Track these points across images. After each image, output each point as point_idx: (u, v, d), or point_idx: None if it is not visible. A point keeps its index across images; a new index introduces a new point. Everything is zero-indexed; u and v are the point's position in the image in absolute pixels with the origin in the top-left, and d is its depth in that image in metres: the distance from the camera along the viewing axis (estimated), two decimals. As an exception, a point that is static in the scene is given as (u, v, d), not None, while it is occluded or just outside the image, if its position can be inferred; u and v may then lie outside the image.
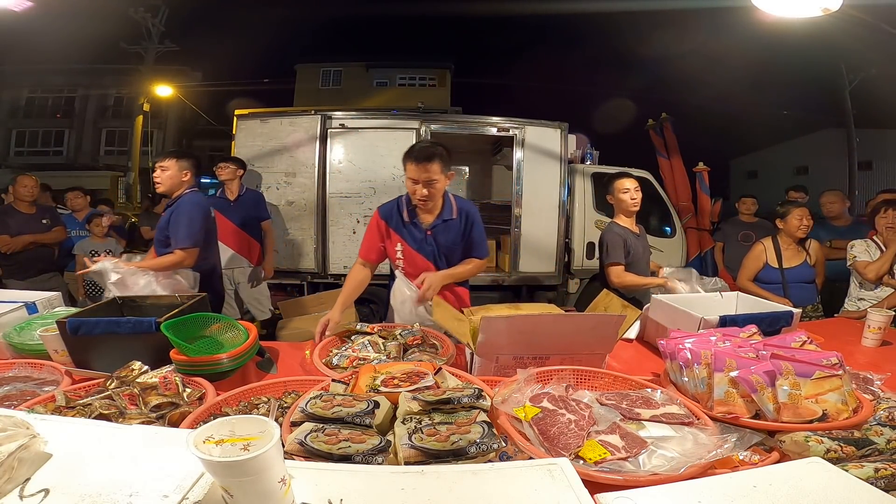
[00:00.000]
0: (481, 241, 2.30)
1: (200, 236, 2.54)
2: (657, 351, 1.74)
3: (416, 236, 2.22)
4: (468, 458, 0.91)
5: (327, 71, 20.90)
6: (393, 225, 2.24)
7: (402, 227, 2.23)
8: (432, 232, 2.22)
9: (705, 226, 6.17)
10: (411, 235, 2.22)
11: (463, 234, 2.26)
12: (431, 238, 2.22)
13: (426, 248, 2.23)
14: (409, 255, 2.24)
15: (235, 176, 4.20)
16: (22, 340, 1.68)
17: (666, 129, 6.71)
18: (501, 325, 1.46)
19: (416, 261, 2.23)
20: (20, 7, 2.71)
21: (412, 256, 2.23)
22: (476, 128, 5.15)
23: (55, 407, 1.17)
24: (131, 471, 0.75)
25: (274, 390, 1.36)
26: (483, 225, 2.33)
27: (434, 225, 2.22)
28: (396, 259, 2.26)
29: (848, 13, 4.36)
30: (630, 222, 2.86)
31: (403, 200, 2.26)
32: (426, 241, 2.22)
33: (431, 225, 2.22)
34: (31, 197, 3.96)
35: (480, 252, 2.30)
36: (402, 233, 2.23)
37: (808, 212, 3.02)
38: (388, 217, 2.25)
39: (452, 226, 2.24)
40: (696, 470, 0.91)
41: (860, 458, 1.03)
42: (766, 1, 2.68)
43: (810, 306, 3.04)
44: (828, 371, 1.19)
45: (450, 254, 2.25)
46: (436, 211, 2.23)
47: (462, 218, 2.26)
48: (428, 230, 2.21)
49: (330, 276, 4.88)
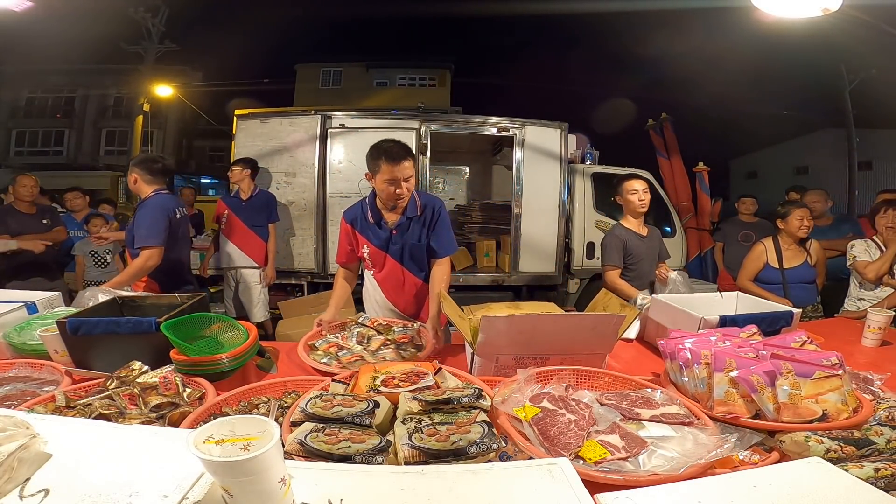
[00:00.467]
0: (446, 237, 2.25)
1: (164, 235, 2.59)
2: (657, 351, 1.74)
3: (380, 236, 2.22)
4: (468, 458, 0.91)
5: (327, 71, 20.89)
6: (358, 227, 2.25)
7: (367, 228, 2.24)
8: (397, 231, 2.21)
9: (705, 226, 6.18)
10: (376, 236, 2.23)
11: (428, 229, 2.24)
12: (397, 237, 2.22)
13: (392, 247, 2.23)
14: (375, 255, 2.25)
15: (244, 176, 4.23)
16: (22, 340, 1.68)
17: (666, 129, 6.72)
18: (502, 325, 1.46)
19: (383, 260, 2.25)
20: (20, 7, 2.71)
21: (378, 256, 2.25)
22: (476, 128, 5.15)
23: (55, 407, 1.17)
24: (131, 471, 0.75)
25: (274, 390, 1.36)
26: (450, 220, 2.32)
27: (398, 223, 2.21)
28: (365, 260, 2.29)
29: (848, 13, 4.36)
30: (636, 224, 2.87)
31: (367, 202, 2.25)
32: (391, 241, 2.22)
33: (396, 224, 2.21)
34: (30, 197, 3.95)
35: (445, 249, 2.23)
36: (367, 234, 2.24)
37: (809, 212, 3.02)
38: (354, 220, 2.26)
39: (417, 223, 2.22)
40: (695, 470, 0.92)
41: (860, 458, 1.03)
42: (765, 1, 2.68)
43: (810, 306, 3.04)
44: (828, 371, 1.19)
45: (415, 251, 2.24)
46: (399, 210, 2.21)
47: (427, 213, 2.24)
48: (393, 229, 2.21)
49: (330, 276, 4.88)
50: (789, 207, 3.05)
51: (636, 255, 2.80)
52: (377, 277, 2.32)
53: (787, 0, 2.69)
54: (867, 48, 7.54)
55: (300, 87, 20.39)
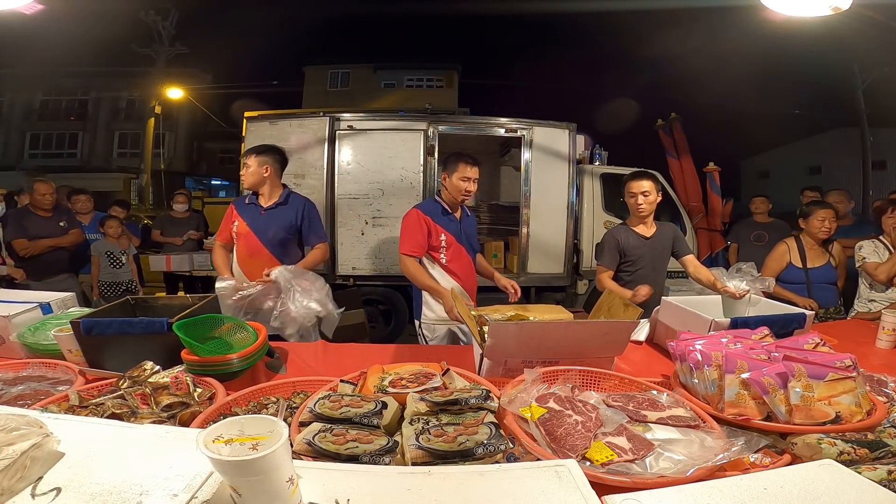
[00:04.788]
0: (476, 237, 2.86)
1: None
2: (667, 353, 1.73)
3: (454, 226, 2.63)
4: (475, 459, 0.91)
5: (335, 73, 20.99)
6: (436, 219, 2.59)
7: (444, 219, 2.61)
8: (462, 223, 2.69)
9: (716, 226, 6.12)
10: (451, 225, 2.63)
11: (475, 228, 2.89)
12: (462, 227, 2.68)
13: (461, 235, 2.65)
14: (450, 241, 2.61)
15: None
16: (36, 340, 1.71)
17: (675, 129, 6.67)
18: (511, 331, 1.46)
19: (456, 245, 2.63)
20: (30, 10, 2.74)
21: (452, 242, 2.61)
22: (484, 129, 5.15)
23: (68, 406, 1.19)
24: (142, 470, 0.76)
25: (283, 390, 1.36)
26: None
27: (461, 218, 2.69)
28: (438, 248, 2.60)
29: (859, 12, 4.31)
30: (641, 224, 2.69)
31: (438, 200, 2.68)
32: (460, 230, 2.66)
33: (460, 218, 2.68)
34: (49, 204, 3.98)
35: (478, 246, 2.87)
36: (444, 224, 2.61)
37: (833, 213, 2.94)
38: (431, 213, 2.60)
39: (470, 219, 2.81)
40: (703, 472, 0.91)
41: (873, 461, 1.01)
42: (775, 0, 2.65)
43: (833, 308, 2.99)
44: (841, 373, 1.17)
45: (472, 240, 2.75)
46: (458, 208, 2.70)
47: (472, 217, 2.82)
48: (460, 222, 2.68)
49: (339, 278, 4.90)
50: (812, 207, 2.99)
51: (634, 258, 2.64)
52: (448, 259, 2.60)
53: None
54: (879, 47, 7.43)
55: (308, 88, 20.51)
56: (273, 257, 2.59)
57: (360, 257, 4.88)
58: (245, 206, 2.66)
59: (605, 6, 8.03)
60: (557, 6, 10.16)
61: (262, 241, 2.60)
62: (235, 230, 2.62)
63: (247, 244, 2.61)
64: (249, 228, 2.61)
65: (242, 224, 2.62)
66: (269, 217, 2.63)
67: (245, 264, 2.62)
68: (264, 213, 2.63)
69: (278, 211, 2.64)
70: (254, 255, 2.59)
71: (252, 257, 2.59)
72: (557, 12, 14.31)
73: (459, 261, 2.63)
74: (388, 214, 4.84)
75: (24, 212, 4.00)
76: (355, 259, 4.88)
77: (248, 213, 2.63)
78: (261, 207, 2.63)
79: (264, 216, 2.63)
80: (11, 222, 3.92)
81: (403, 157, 4.83)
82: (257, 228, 2.61)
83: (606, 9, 8.29)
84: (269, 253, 2.59)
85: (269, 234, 2.60)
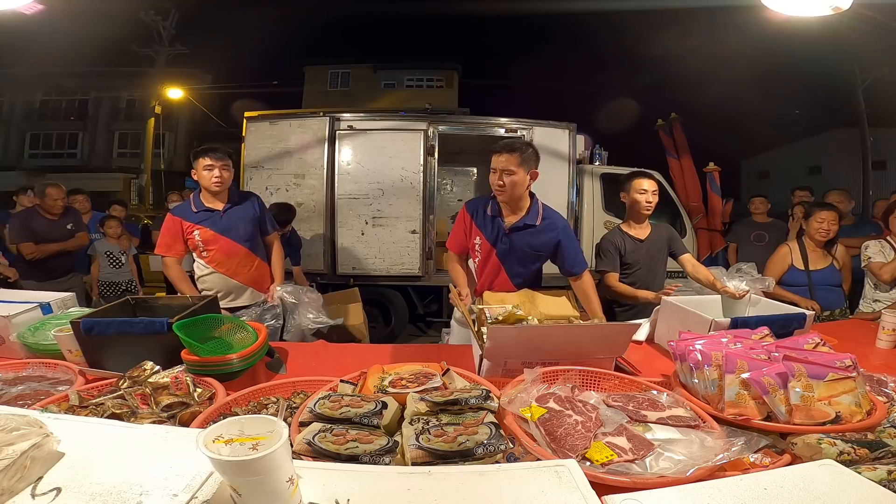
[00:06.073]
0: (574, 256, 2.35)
1: None
2: (667, 353, 1.73)
3: (493, 232, 2.31)
4: (475, 460, 0.91)
5: (335, 73, 20.98)
6: (477, 219, 2.35)
7: (485, 221, 2.33)
8: (510, 231, 2.29)
9: (716, 226, 6.12)
10: (491, 230, 2.31)
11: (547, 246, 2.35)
12: (507, 238, 2.29)
13: (500, 245, 2.30)
14: (484, 247, 2.33)
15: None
16: (36, 340, 1.71)
17: (675, 129, 6.66)
18: (510, 334, 1.46)
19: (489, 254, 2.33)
20: (30, 10, 2.73)
21: (486, 249, 2.33)
22: (484, 129, 5.15)
23: (68, 406, 1.19)
24: (142, 470, 0.76)
25: (283, 390, 1.36)
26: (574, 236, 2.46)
27: (514, 225, 2.28)
28: (474, 251, 2.38)
29: (859, 12, 4.31)
30: (637, 227, 2.68)
31: (492, 197, 2.34)
32: (500, 239, 2.30)
33: (512, 225, 2.28)
34: (61, 209, 3.95)
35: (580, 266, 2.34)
36: (483, 227, 2.34)
37: (836, 216, 2.86)
38: (475, 211, 2.36)
39: (533, 232, 2.30)
40: (703, 472, 0.91)
41: (873, 461, 1.01)
42: (775, 0, 2.65)
43: (838, 310, 2.95)
44: (841, 373, 1.17)
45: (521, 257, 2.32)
46: (519, 212, 2.30)
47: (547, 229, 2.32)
48: (508, 229, 2.29)
49: (339, 278, 4.90)
50: (813, 209, 2.95)
51: (631, 262, 2.65)
52: (478, 268, 2.39)
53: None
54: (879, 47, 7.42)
55: (309, 88, 20.51)
56: (250, 252, 2.68)
57: (360, 257, 4.88)
58: (195, 213, 2.58)
59: (605, 6, 8.02)
60: (557, 6, 10.15)
61: (234, 239, 2.62)
62: (199, 238, 2.57)
63: (220, 248, 2.61)
64: (216, 233, 2.59)
65: (205, 230, 2.58)
66: (232, 216, 2.63)
67: (224, 266, 2.64)
68: (224, 215, 2.62)
69: (236, 209, 2.65)
70: (231, 255, 2.63)
71: (230, 258, 2.63)
72: (558, 12, 14.30)
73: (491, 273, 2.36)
74: (388, 214, 4.84)
75: (32, 214, 3.95)
76: (355, 259, 4.88)
77: (204, 219, 2.58)
78: (216, 211, 2.60)
79: (225, 217, 2.62)
80: (19, 224, 3.86)
81: (403, 157, 4.83)
82: (225, 230, 2.61)
83: (607, 9, 8.28)
84: (245, 249, 2.66)
85: (241, 231, 2.64)
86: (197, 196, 2.63)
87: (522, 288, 2.21)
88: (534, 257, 2.33)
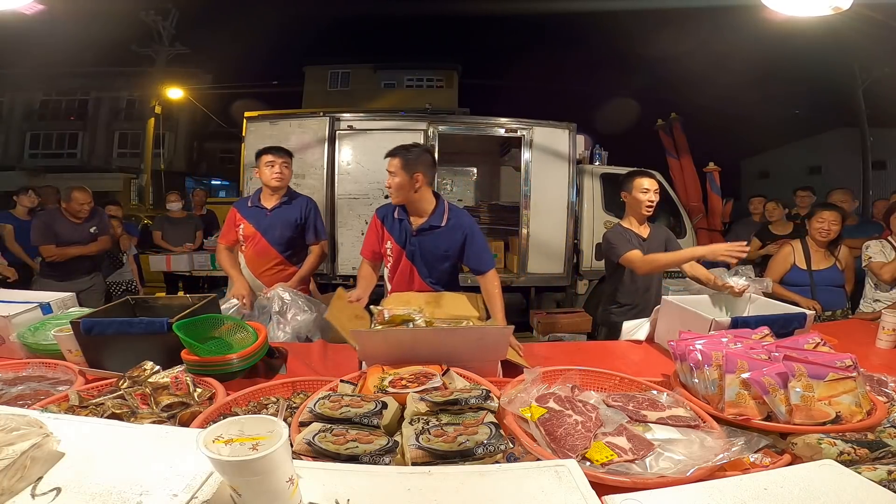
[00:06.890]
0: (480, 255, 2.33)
1: None
2: (667, 353, 1.73)
3: (401, 235, 2.32)
4: (475, 459, 0.90)
5: (335, 73, 20.99)
6: (387, 224, 2.36)
7: (393, 225, 2.34)
8: (417, 233, 2.29)
9: (716, 226, 6.14)
10: (399, 233, 2.32)
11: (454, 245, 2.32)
12: (416, 239, 2.29)
13: (408, 247, 2.31)
14: (394, 250, 2.35)
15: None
16: (36, 340, 1.71)
17: (675, 129, 6.68)
18: (377, 339, 1.45)
19: (399, 257, 2.34)
20: (30, 10, 2.74)
21: (396, 252, 2.34)
22: (484, 129, 5.15)
23: (68, 406, 1.19)
24: (142, 470, 0.76)
25: (283, 390, 1.36)
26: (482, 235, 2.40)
27: (420, 227, 2.28)
28: (386, 256, 2.39)
29: (859, 12, 4.31)
30: (638, 226, 2.67)
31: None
32: (409, 241, 2.31)
33: (418, 227, 2.28)
34: (87, 214, 3.84)
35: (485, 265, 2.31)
36: (392, 230, 2.34)
37: (837, 216, 2.84)
38: (384, 217, 2.37)
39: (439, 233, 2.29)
40: (703, 473, 0.91)
41: (873, 461, 1.01)
42: (775, 0, 2.65)
43: (840, 311, 2.93)
44: (842, 373, 1.17)
45: (430, 258, 2.32)
46: (423, 215, 2.30)
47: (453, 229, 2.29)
48: (414, 231, 2.29)
49: (338, 278, 4.90)
50: (815, 209, 2.94)
51: None
52: (389, 273, 2.39)
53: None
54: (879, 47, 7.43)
55: (309, 88, 20.52)
56: (281, 256, 2.69)
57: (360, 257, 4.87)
58: (248, 208, 2.70)
59: (605, 6, 8.02)
60: (557, 6, 10.15)
61: (268, 240, 2.67)
62: (242, 232, 2.69)
63: (254, 245, 2.68)
64: (256, 230, 2.67)
65: (248, 226, 2.68)
66: (275, 217, 2.69)
67: (253, 264, 2.71)
68: (270, 214, 2.69)
69: (283, 210, 2.70)
70: (261, 255, 2.68)
71: (259, 257, 2.68)
72: (558, 12, 14.32)
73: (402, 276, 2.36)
74: (388, 214, 4.84)
75: (56, 215, 3.85)
76: (355, 259, 4.86)
77: (252, 215, 2.69)
78: (265, 209, 2.69)
79: (270, 216, 2.69)
80: (42, 225, 3.78)
81: (404, 157, 4.82)
82: (264, 229, 2.67)
83: (607, 9, 8.29)
84: (277, 252, 2.68)
85: (276, 234, 2.67)
86: (258, 192, 2.76)
87: (440, 290, 2.26)
88: (442, 258, 2.32)
